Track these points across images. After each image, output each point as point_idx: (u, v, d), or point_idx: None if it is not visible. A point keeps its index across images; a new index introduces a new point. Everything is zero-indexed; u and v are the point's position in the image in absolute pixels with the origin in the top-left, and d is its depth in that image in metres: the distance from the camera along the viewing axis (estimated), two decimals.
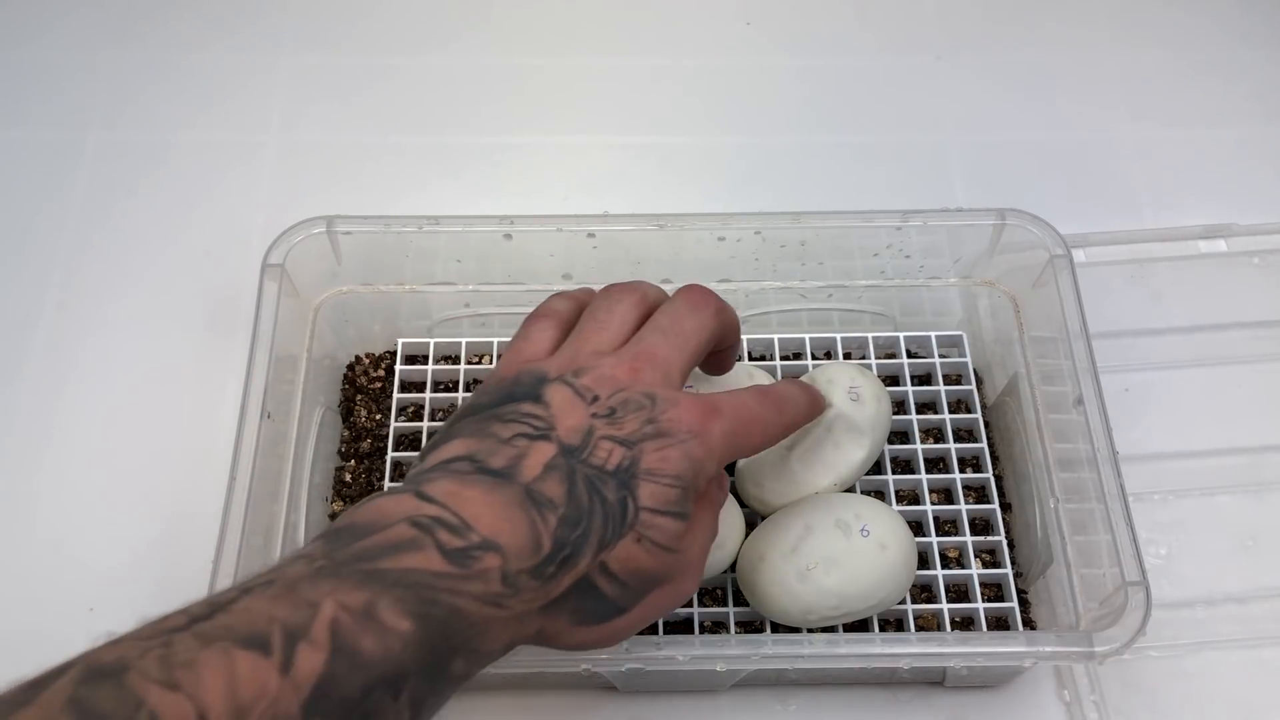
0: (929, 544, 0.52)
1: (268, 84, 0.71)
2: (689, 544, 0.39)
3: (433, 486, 0.36)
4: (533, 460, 0.37)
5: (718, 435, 0.39)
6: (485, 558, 0.34)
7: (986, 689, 0.52)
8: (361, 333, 0.59)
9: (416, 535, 0.34)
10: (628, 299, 0.43)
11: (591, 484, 0.37)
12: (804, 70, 0.72)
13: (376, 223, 0.53)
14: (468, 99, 0.70)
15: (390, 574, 0.33)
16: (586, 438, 0.38)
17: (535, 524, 0.36)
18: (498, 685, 0.51)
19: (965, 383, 0.57)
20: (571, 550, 0.36)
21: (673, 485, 0.38)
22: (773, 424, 0.43)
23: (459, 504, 0.35)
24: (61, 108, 0.70)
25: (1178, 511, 0.56)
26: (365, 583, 0.32)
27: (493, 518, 0.35)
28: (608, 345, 0.42)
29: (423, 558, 0.33)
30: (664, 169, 0.68)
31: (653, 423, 0.38)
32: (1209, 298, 0.62)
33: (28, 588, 0.54)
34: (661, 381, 0.40)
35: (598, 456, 0.38)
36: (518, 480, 0.36)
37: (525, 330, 0.44)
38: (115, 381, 0.60)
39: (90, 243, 0.64)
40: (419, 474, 0.38)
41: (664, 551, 0.38)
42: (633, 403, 0.39)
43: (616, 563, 0.37)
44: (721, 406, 0.40)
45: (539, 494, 0.36)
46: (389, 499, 0.36)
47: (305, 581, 0.32)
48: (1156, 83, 0.71)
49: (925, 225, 0.54)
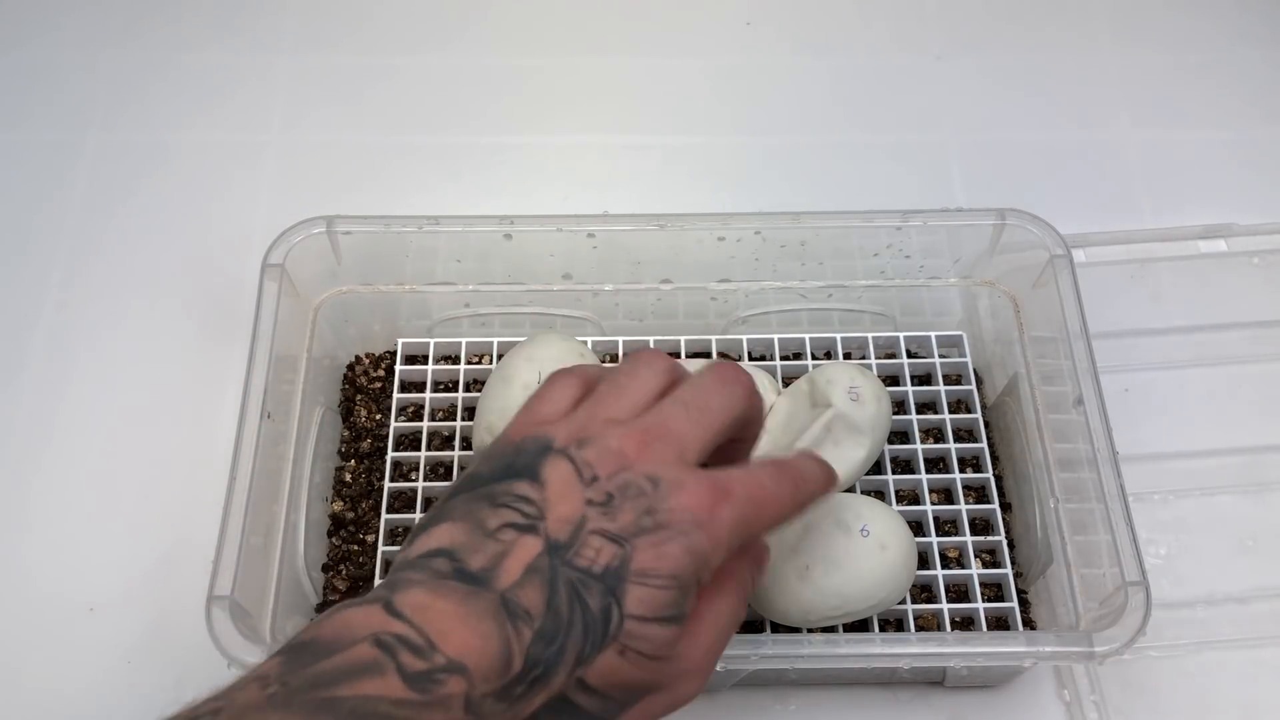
0: (929, 544, 0.52)
1: (268, 84, 0.71)
2: (687, 647, 0.36)
3: (403, 598, 0.33)
4: (514, 560, 0.34)
5: (726, 523, 0.36)
6: (449, 681, 0.32)
7: (986, 689, 0.52)
8: (361, 333, 0.59)
9: (377, 657, 0.31)
10: (655, 365, 0.40)
11: (574, 590, 0.34)
12: (804, 70, 0.72)
13: (376, 223, 0.53)
14: (468, 99, 0.70)
15: (345, 703, 0.30)
16: (576, 532, 0.34)
17: (508, 640, 0.33)
18: None
19: (965, 383, 0.57)
20: (544, 669, 0.33)
21: (666, 587, 0.34)
22: (787, 506, 0.39)
23: (426, 619, 0.32)
24: (61, 108, 0.70)
25: (1178, 511, 0.56)
26: (316, 714, 0.30)
27: (463, 634, 0.32)
28: (624, 413, 0.38)
29: (382, 684, 0.31)
30: (664, 169, 0.68)
31: (651, 513, 0.35)
32: (1209, 298, 0.62)
33: (28, 587, 0.54)
34: (674, 460, 0.36)
35: (585, 556, 0.34)
36: (495, 587, 0.33)
37: (546, 387, 0.40)
38: (115, 381, 0.60)
39: (90, 243, 0.64)
40: (401, 566, 0.35)
41: (652, 661, 0.35)
42: (633, 487, 0.35)
43: (596, 677, 0.34)
44: (734, 488, 0.36)
45: (515, 604, 0.33)
46: (357, 610, 0.33)
47: (253, 711, 0.30)
48: (1157, 83, 0.71)
49: (925, 225, 0.54)
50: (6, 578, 0.54)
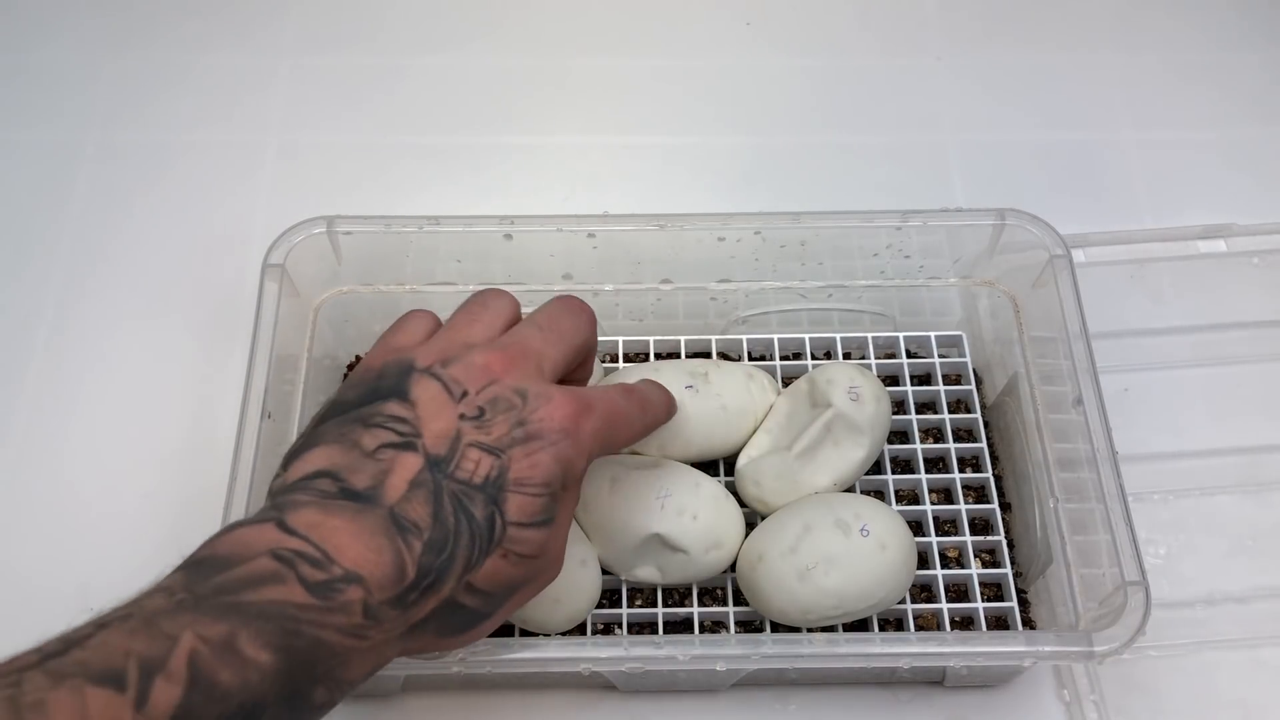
0: (929, 544, 0.52)
1: (268, 84, 0.71)
2: (552, 544, 0.39)
3: (295, 516, 0.35)
4: (397, 478, 0.36)
5: (589, 433, 0.39)
6: (348, 590, 0.34)
7: (986, 689, 0.52)
8: (361, 333, 0.59)
9: (278, 569, 0.33)
10: (502, 299, 0.43)
11: (458, 501, 0.36)
12: (804, 70, 0.72)
13: (376, 223, 0.53)
14: (468, 99, 0.71)
15: (252, 606, 0.32)
16: (454, 445, 0.37)
17: (400, 553, 0.35)
18: (498, 684, 0.51)
19: (965, 383, 0.57)
20: (436, 577, 0.36)
21: (541, 493, 0.37)
22: (636, 423, 0.43)
23: (321, 535, 0.34)
24: (61, 108, 0.70)
25: (1178, 511, 0.56)
26: (225, 615, 0.32)
27: (357, 549, 0.34)
28: (479, 337, 0.41)
29: (285, 590, 0.33)
30: (664, 169, 0.68)
31: (523, 424, 0.38)
32: (1209, 298, 0.62)
33: (28, 587, 0.54)
34: (535, 374, 0.39)
35: (464, 469, 0.37)
36: (382, 503, 0.36)
37: (400, 321, 0.43)
38: (115, 381, 0.60)
39: (90, 243, 0.64)
40: (281, 490, 0.37)
41: (529, 560, 0.38)
42: (502, 401, 0.38)
43: (482, 579, 0.37)
44: (594, 403, 0.40)
45: (403, 518, 0.35)
46: (250, 529, 0.35)
47: (164, 615, 0.31)
48: (1156, 83, 0.71)
49: (925, 225, 0.54)
50: (6, 577, 0.54)
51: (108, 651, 0.30)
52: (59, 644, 0.30)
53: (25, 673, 0.29)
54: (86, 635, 0.31)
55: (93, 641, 0.30)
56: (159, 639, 0.30)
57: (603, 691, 0.51)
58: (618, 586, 0.51)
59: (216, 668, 0.31)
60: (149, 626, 0.31)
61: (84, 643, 0.30)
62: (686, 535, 0.48)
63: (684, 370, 0.52)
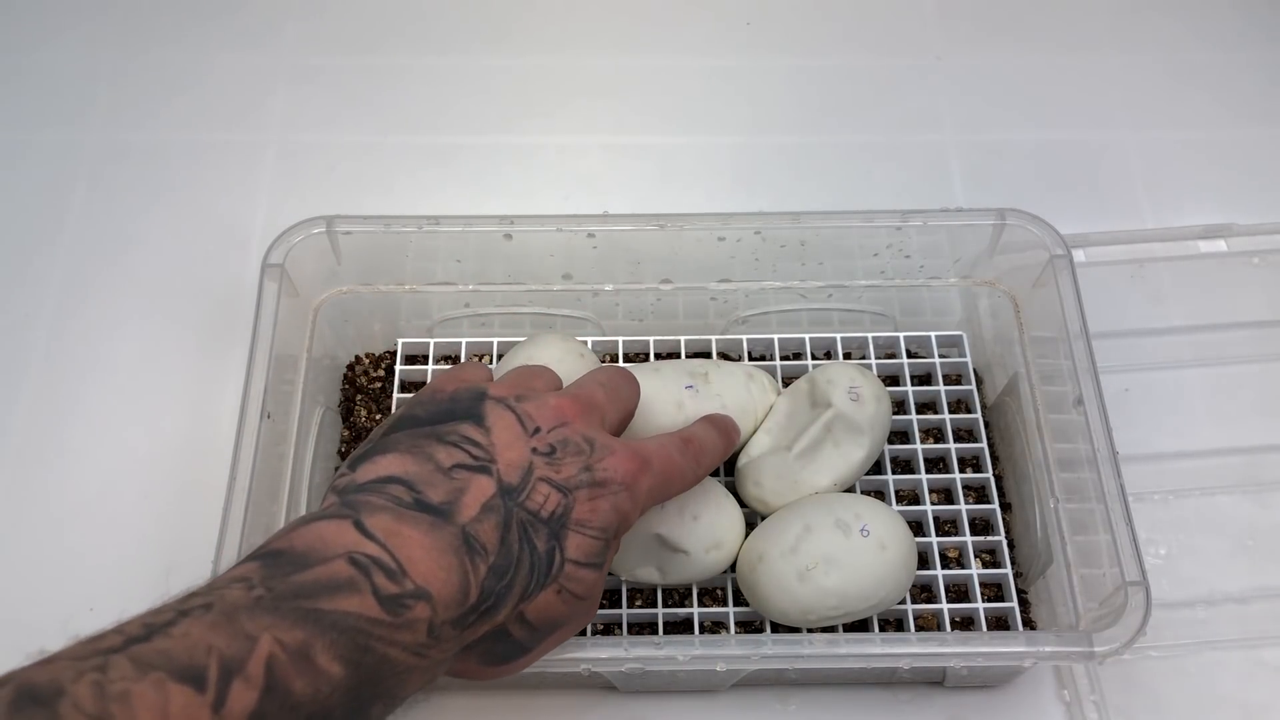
0: (929, 544, 0.52)
1: (268, 84, 0.71)
2: (597, 588, 0.40)
3: (372, 519, 0.35)
4: (471, 498, 0.37)
5: (644, 490, 0.40)
6: (416, 607, 0.34)
7: (986, 689, 0.52)
8: (361, 333, 0.59)
9: (354, 576, 0.34)
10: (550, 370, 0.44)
11: (524, 530, 0.37)
12: (804, 70, 0.72)
13: (376, 223, 0.53)
14: (468, 99, 0.71)
15: (328, 616, 0.32)
16: (526, 476, 0.38)
17: (467, 573, 0.36)
18: (498, 684, 0.51)
19: (965, 383, 0.57)
20: (495, 602, 0.36)
21: (598, 537, 0.38)
22: (689, 477, 0.44)
23: (397, 544, 0.35)
24: (61, 108, 0.70)
25: (1178, 511, 0.56)
26: (302, 622, 0.32)
27: (428, 564, 0.35)
28: (544, 387, 0.42)
29: (359, 601, 0.33)
30: (664, 169, 0.68)
31: (589, 470, 0.39)
32: (1209, 298, 0.62)
33: (28, 587, 0.54)
34: (599, 426, 0.41)
35: (535, 500, 0.38)
36: (456, 521, 0.36)
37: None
38: (115, 381, 0.60)
39: (90, 243, 0.64)
40: (352, 489, 0.37)
41: (577, 600, 0.39)
42: (572, 444, 0.39)
43: (534, 611, 0.38)
44: (652, 460, 0.41)
45: (474, 538, 0.36)
46: (328, 525, 0.35)
47: (243, 611, 0.31)
48: (1156, 83, 0.71)
49: (925, 225, 0.54)
50: (6, 577, 0.54)
51: (190, 644, 0.30)
52: (141, 629, 0.30)
53: (110, 655, 0.29)
54: (168, 622, 0.31)
55: (175, 630, 0.30)
56: (239, 638, 0.31)
57: (603, 692, 0.51)
58: (618, 586, 0.51)
59: (291, 676, 0.31)
60: (230, 622, 0.31)
61: (166, 630, 0.30)
62: (686, 535, 0.48)
63: (684, 370, 0.52)
